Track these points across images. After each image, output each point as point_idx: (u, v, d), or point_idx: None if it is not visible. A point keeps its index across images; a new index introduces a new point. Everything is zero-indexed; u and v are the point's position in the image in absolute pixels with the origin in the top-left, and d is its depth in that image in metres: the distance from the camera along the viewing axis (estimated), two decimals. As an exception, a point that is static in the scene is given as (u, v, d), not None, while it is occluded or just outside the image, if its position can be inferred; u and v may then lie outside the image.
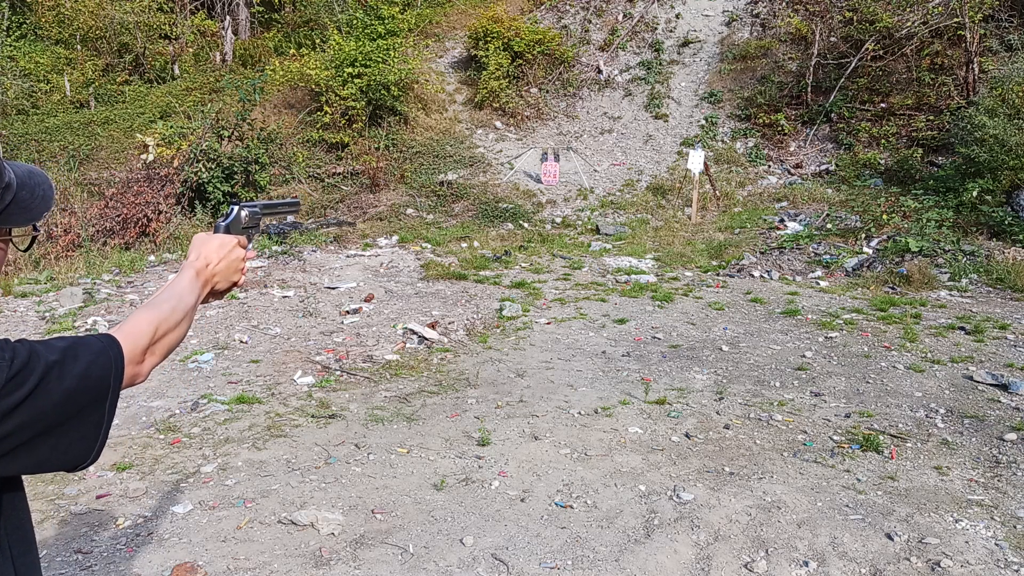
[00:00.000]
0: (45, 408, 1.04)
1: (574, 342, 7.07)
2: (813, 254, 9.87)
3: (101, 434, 1.13)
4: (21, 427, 1.02)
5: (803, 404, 5.47)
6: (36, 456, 1.06)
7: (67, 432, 1.08)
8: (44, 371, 1.04)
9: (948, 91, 13.16)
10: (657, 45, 16.78)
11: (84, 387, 1.09)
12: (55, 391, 1.05)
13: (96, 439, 1.12)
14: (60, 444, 1.08)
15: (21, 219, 1.17)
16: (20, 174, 1.17)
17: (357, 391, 5.89)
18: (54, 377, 1.05)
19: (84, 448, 1.11)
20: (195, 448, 4.81)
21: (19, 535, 1.14)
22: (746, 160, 13.99)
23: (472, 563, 3.51)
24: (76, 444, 1.10)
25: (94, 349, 1.13)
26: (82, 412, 1.09)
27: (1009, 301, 7.98)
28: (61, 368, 1.06)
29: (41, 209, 1.20)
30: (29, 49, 17.95)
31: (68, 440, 1.09)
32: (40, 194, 1.20)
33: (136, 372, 1.22)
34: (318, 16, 18.49)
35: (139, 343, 1.22)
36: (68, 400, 1.07)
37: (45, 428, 1.05)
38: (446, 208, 12.77)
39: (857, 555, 3.52)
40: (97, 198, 11.98)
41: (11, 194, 1.14)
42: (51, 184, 1.23)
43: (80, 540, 3.73)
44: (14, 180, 1.14)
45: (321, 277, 9.07)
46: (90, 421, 1.11)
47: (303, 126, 14.58)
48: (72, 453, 1.11)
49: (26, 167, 1.20)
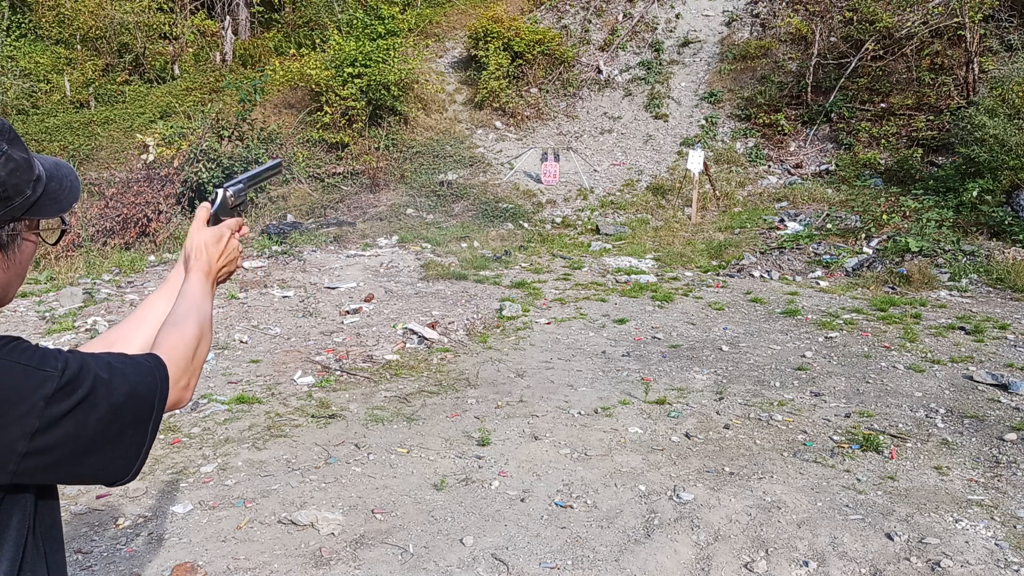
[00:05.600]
0: (91, 422, 1.05)
1: (574, 342, 7.07)
2: (813, 254, 9.87)
3: (142, 454, 1.14)
4: (66, 438, 1.03)
5: (803, 404, 5.47)
6: (78, 468, 1.07)
7: (110, 448, 1.09)
8: (93, 384, 1.05)
9: (948, 91, 13.16)
10: (657, 45, 16.78)
11: (130, 405, 1.10)
12: (102, 406, 1.06)
13: (137, 458, 1.13)
14: (101, 459, 1.09)
15: (51, 210, 1.18)
16: (48, 166, 1.18)
17: (357, 391, 5.89)
18: (102, 392, 1.06)
19: (124, 466, 1.12)
20: (195, 448, 4.81)
21: (52, 535, 1.16)
22: (746, 160, 13.98)
23: (472, 563, 3.51)
24: (117, 461, 1.11)
25: (143, 369, 1.15)
26: (126, 429, 1.10)
27: (1009, 301, 7.98)
28: (109, 384, 1.07)
29: (70, 200, 1.20)
30: (29, 49, 17.94)
31: (110, 456, 1.10)
32: (68, 185, 1.21)
33: (181, 396, 1.23)
34: (318, 16, 18.48)
35: (181, 365, 1.23)
36: (114, 416, 1.07)
37: (89, 442, 1.06)
38: (446, 208, 12.77)
39: (857, 555, 3.52)
40: (97, 198, 11.97)
41: (42, 186, 1.15)
42: (77, 176, 1.25)
43: (80, 540, 3.73)
44: (43, 172, 1.16)
45: (321, 277, 9.07)
46: (133, 440, 1.12)
47: (303, 126, 14.58)
48: (112, 469, 1.11)
49: (52, 160, 1.21)
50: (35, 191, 1.13)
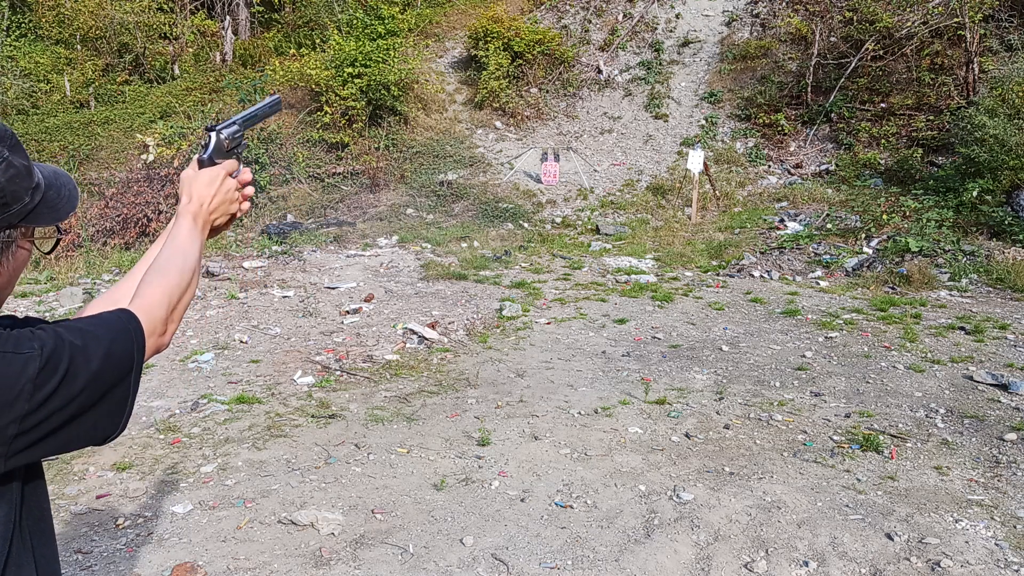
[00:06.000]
0: (76, 391, 1.06)
1: (574, 342, 7.07)
2: (813, 254, 9.87)
3: (127, 408, 1.16)
4: (55, 412, 1.05)
5: (803, 404, 5.47)
6: (68, 436, 1.09)
7: (96, 410, 1.11)
8: (71, 355, 1.06)
9: (948, 91, 13.16)
10: (657, 45, 16.78)
11: (109, 366, 1.11)
12: (82, 375, 1.07)
13: (123, 413, 1.15)
14: (88, 422, 1.11)
15: (48, 218, 1.18)
16: (47, 174, 1.19)
17: (357, 391, 5.89)
18: (80, 361, 1.07)
19: (112, 423, 1.14)
20: (195, 448, 4.81)
21: (40, 526, 1.16)
22: (746, 160, 13.98)
23: (472, 563, 3.51)
24: (104, 420, 1.13)
25: (115, 327, 1.15)
26: (109, 390, 1.12)
27: (1009, 301, 7.98)
28: (85, 351, 1.08)
29: (67, 209, 1.21)
30: (29, 49, 17.93)
31: (96, 417, 1.12)
32: (66, 194, 1.22)
33: (159, 343, 1.24)
34: (318, 16, 18.48)
35: (157, 314, 1.23)
36: (95, 381, 1.09)
37: (77, 410, 1.08)
38: (446, 208, 12.77)
39: (857, 555, 3.52)
40: (97, 198, 11.98)
41: (40, 194, 1.15)
42: (75, 184, 1.25)
43: (80, 540, 3.73)
44: (42, 180, 1.17)
45: (321, 277, 9.07)
46: (117, 397, 1.14)
47: (303, 126, 14.58)
48: (100, 429, 1.14)
49: (51, 168, 1.22)
50: (33, 199, 1.14)
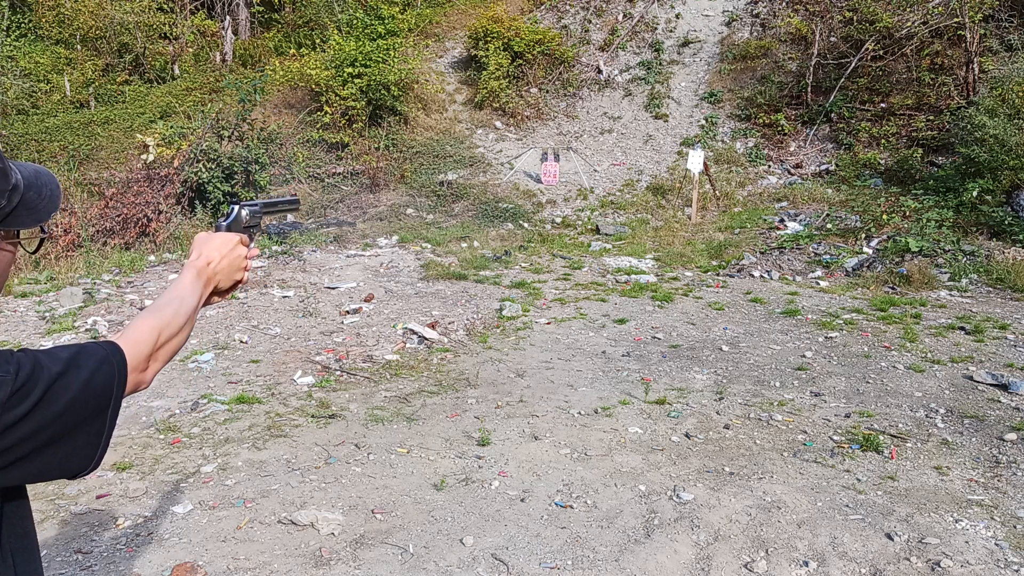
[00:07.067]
0: (48, 420, 1.03)
1: (574, 342, 7.07)
2: (813, 254, 9.87)
3: (102, 443, 1.12)
4: (24, 439, 1.01)
5: (803, 404, 5.46)
6: (38, 466, 1.06)
7: (69, 442, 1.07)
8: (48, 383, 1.03)
9: (948, 91, 13.16)
10: (657, 45, 16.78)
11: (87, 397, 1.08)
12: (58, 402, 1.04)
13: (97, 447, 1.11)
14: (62, 453, 1.07)
15: (29, 220, 1.16)
16: (27, 175, 1.15)
17: (357, 391, 5.89)
18: (58, 388, 1.04)
19: (85, 456, 1.11)
20: (195, 448, 4.81)
21: (22, 543, 1.13)
22: (746, 160, 13.98)
23: (472, 563, 3.51)
24: (78, 453, 1.10)
25: (97, 357, 1.12)
26: (84, 422, 1.09)
27: (1009, 301, 7.98)
28: (65, 379, 1.05)
29: (49, 209, 1.18)
30: (29, 49, 17.93)
31: (70, 449, 1.08)
32: (47, 194, 1.18)
33: (140, 380, 1.21)
34: (318, 16, 18.48)
35: (142, 350, 1.20)
36: (71, 411, 1.06)
37: (48, 439, 1.04)
38: (446, 208, 12.77)
39: (857, 555, 3.52)
40: (97, 198, 11.97)
41: (18, 195, 1.13)
42: (58, 184, 1.22)
43: (80, 540, 3.73)
44: (21, 181, 1.13)
45: (321, 277, 9.07)
46: (92, 430, 1.10)
47: (303, 126, 14.58)
48: (74, 461, 1.10)
49: (32, 167, 1.19)
50: (11, 201, 1.11)
